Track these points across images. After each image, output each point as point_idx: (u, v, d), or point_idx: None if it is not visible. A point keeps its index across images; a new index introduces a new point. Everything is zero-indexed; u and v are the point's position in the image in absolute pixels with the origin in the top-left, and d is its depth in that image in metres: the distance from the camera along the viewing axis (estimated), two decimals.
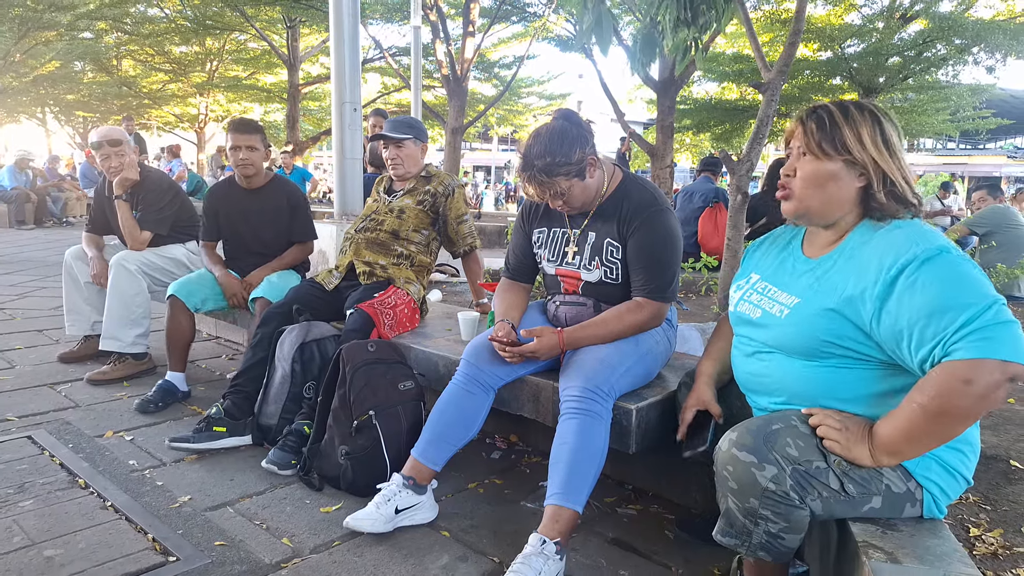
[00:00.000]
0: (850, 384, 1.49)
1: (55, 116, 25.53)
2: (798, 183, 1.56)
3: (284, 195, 3.57)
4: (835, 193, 1.53)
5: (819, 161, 1.52)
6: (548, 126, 2.17)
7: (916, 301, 1.34)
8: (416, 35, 12.29)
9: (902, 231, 1.45)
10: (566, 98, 25.51)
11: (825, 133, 1.52)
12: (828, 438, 1.43)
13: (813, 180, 1.54)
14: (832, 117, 1.52)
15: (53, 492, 2.33)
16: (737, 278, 1.83)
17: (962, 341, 1.27)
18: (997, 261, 5.60)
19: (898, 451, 1.39)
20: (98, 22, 17.75)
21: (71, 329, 3.89)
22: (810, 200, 1.55)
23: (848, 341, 1.46)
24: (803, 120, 1.56)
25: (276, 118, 27.08)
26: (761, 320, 1.64)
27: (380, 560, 1.99)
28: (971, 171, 35.16)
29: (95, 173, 11.73)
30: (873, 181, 1.50)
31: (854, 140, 1.50)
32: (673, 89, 10.13)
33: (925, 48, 11.92)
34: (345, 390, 2.44)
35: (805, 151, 1.55)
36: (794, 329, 1.53)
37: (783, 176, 1.59)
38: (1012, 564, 1.58)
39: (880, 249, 1.44)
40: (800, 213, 1.58)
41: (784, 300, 1.59)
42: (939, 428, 1.33)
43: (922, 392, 1.32)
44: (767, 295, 1.65)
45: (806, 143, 1.54)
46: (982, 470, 2.07)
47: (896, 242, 1.42)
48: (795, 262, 1.65)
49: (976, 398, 1.26)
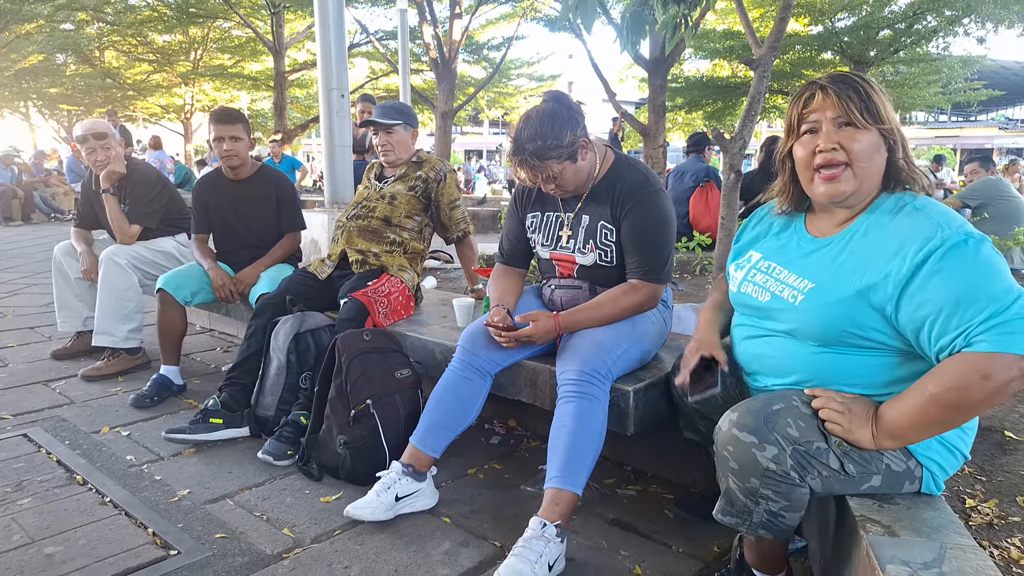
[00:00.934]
0: (862, 370, 1.47)
1: (39, 110, 25.28)
2: (859, 156, 1.43)
3: (272, 185, 3.54)
4: (878, 166, 1.47)
5: (866, 132, 1.44)
6: (538, 109, 2.15)
7: (942, 290, 1.31)
8: (403, 18, 12.19)
9: (924, 213, 1.40)
10: (556, 79, 25.33)
11: (864, 103, 1.43)
12: (830, 420, 1.42)
13: (867, 152, 1.44)
14: (863, 86, 1.45)
15: (51, 489, 2.33)
16: (735, 256, 1.78)
17: (985, 334, 1.26)
18: (990, 233, 5.51)
19: (902, 436, 1.38)
20: (78, 12, 17.52)
21: (63, 326, 3.87)
22: (866, 174, 1.45)
23: (868, 330, 1.43)
24: (835, 90, 1.44)
25: (263, 106, 26.86)
26: (771, 304, 1.58)
27: (382, 548, 2.00)
28: (963, 143, 35.18)
29: (82, 167, 11.65)
30: (897, 148, 1.46)
31: (884, 109, 1.45)
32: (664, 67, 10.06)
33: (915, 20, 11.87)
34: (342, 380, 2.44)
35: (847, 121, 1.44)
36: (811, 316, 1.48)
37: (825, 151, 1.45)
38: (1007, 533, 1.60)
39: (903, 231, 1.39)
40: (855, 189, 1.46)
41: (796, 284, 1.53)
42: (948, 418, 1.33)
43: (936, 382, 1.30)
44: (774, 276, 1.59)
45: (848, 113, 1.43)
46: (978, 442, 2.08)
47: (921, 225, 1.37)
48: (800, 241, 1.60)
49: (990, 392, 1.26)
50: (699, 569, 1.92)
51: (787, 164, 1.60)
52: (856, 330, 1.44)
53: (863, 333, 1.44)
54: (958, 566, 1.24)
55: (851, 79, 1.47)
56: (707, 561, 1.95)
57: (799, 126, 1.52)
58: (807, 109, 1.50)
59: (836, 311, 1.44)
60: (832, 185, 1.47)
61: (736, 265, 1.75)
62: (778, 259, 1.62)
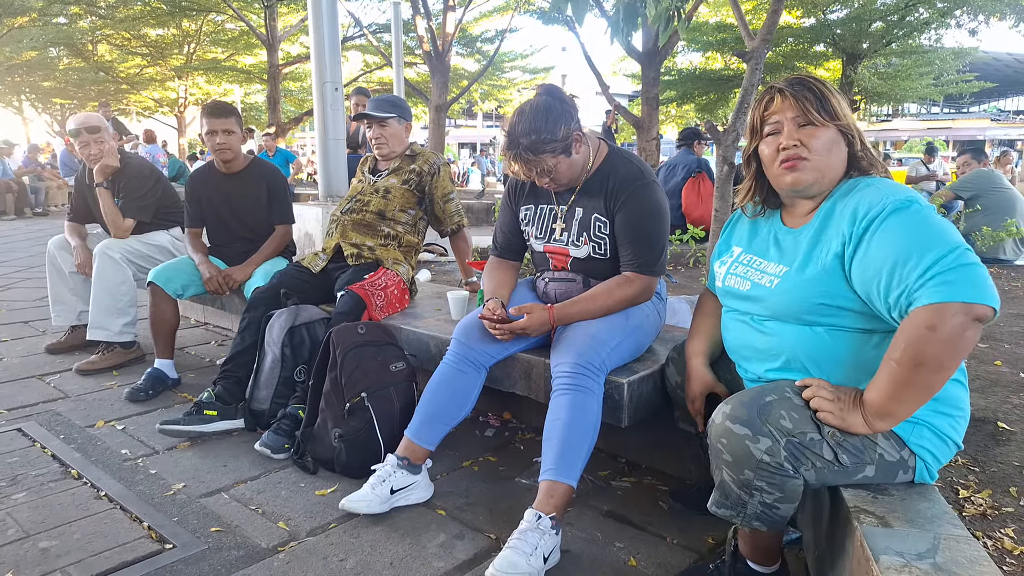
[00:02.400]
0: (845, 349, 1.50)
1: (31, 104, 25.13)
2: (817, 151, 1.54)
3: (263, 178, 3.53)
4: (838, 157, 1.57)
5: (824, 128, 1.54)
6: (532, 103, 2.15)
7: (882, 251, 1.38)
8: (396, 11, 12.14)
9: (873, 187, 1.50)
10: (550, 71, 25.31)
11: (819, 102, 1.54)
12: (822, 409, 1.43)
13: (827, 147, 1.54)
14: (816, 88, 1.56)
15: (46, 484, 2.32)
16: (719, 254, 1.84)
17: (923, 288, 1.30)
18: (982, 224, 5.63)
19: (889, 412, 1.39)
20: (71, 6, 17.40)
21: (57, 320, 3.86)
22: (825, 167, 1.55)
23: (841, 300, 1.48)
24: (792, 93, 1.55)
25: (257, 99, 26.75)
26: (751, 292, 1.64)
27: (377, 540, 2.00)
28: (955, 135, 35.25)
29: (75, 161, 11.59)
30: (855, 142, 1.57)
31: (839, 107, 1.55)
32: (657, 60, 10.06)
33: (908, 12, 11.89)
34: (336, 373, 2.44)
35: (804, 122, 1.54)
36: (787, 296, 1.55)
37: (788, 148, 1.56)
38: (1001, 524, 1.61)
39: (854, 204, 1.49)
40: (814, 180, 1.56)
41: (772, 270, 1.61)
42: (918, 380, 1.33)
43: (894, 347, 1.34)
44: (753, 266, 1.67)
45: (805, 113, 1.54)
46: (971, 432, 2.09)
47: (868, 196, 1.47)
48: (777, 233, 1.67)
49: (943, 343, 1.28)
50: (694, 561, 1.92)
51: (752, 164, 1.70)
52: (828, 300, 1.49)
53: (835, 303, 1.49)
54: (952, 556, 1.25)
55: (807, 82, 1.58)
56: (702, 553, 1.96)
57: (762, 128, 1.63)
58: (768, 111, 1.61)
59: (808, 287, 1.51)
60: (795, 174, 1.56)
61: (720, 262, 1.81)
62: (757, 251, 1.70)
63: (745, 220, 1.81)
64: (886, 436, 1.46)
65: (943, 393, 1.49)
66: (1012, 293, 4.40)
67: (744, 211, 1.80)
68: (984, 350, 2.99)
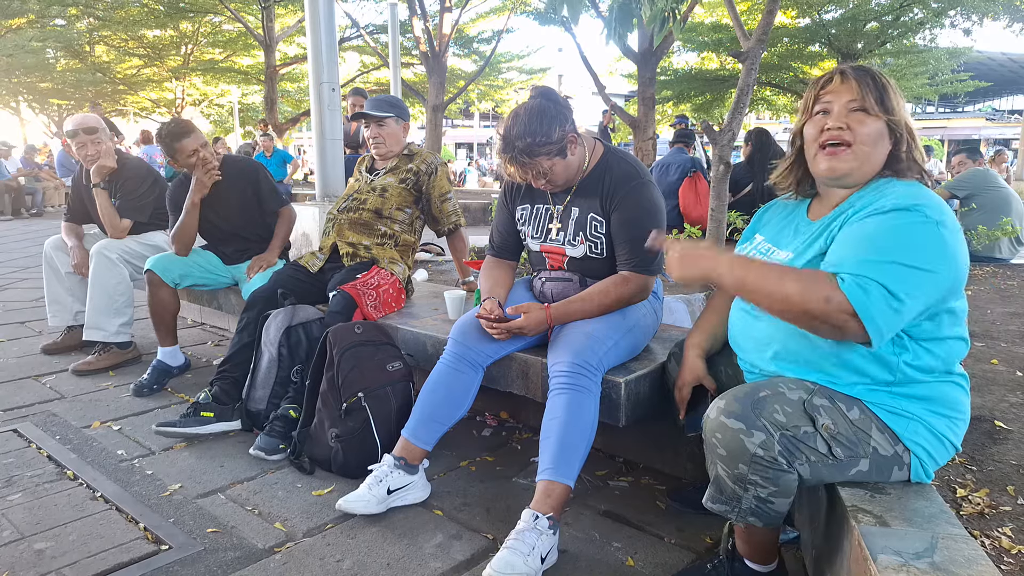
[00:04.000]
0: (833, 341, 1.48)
1: (29, 105, 25.06)
2: (862, 139, 1.50)
3: (241, 176, 3.51)
4: (880, 152, 1.54)
5: (875, 119, 1.50)
6: (526, 105, 2.15)
7: (858, 231, 1.41)
8: (393, 12, 12.14)
9: (902, 185, 1.49)
10: (546, 72, 25.31)
11: (879, 93, 1.50)
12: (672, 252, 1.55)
13: (872, 138, 1.51)
14: (879, 79, 1.52)
15: (41, 484, 2.32)
16: (743, 240, 1.84)
17: (850, 275, 1.33)
18: (978, 223, 5.64)
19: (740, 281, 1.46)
20: (69, 8, 17.36)
21: (53, 320, 3.85)
22: (866, 157, 1.52)
23: None
24: (855, 76, 1.51)
25: (254, 100, 26.72)
26: None
27: (374, 541, 1.99)
28: (951, 134, 35.30)
29: (72, 162, 11.55)
30: (903, 142, 1.53)
31: (896, 104, 1.52)
32: (653, 60, 10.07)
33: (902, 12, 11.91)
34: (333, 373, 2.43)
35: (860, 107, 1.50)
36: None
37: (833, 129, 1.52)
38: (998, 523, 1.61)
39: (872, 198, 1.48)
40: (852, 170, 1.53)
41: (779, 257, 1.62)
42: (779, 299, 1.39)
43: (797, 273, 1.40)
44: (767, 254, 1.68)
45: (862, 99, 1.50)
46: (968, 431, 2.08)
47: (889, 193, 1.46)
48: (799, 224, 1.67)
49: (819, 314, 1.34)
50: (691, 560, 1.92)
51: (797, 143, 1.68)
52: None
53: None
54: (949, 556, 1.24)
55: (871, 71, 1.54)
56: (699, 552, 1.96)
57: (813, 106, 1.59)
58: (824, 90, 1.56)
59: None
60: (833, 161, 1.54)
61: (740, 248, 1.82)
62: (775, 240, 1.71)
63: (777, 209, 1.81)
64: (880, 429, 1.46)
65: (940, 394, 1.49)
66: (1008, 292, 4.41)
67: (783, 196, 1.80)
68: (981, 349, 3.00)
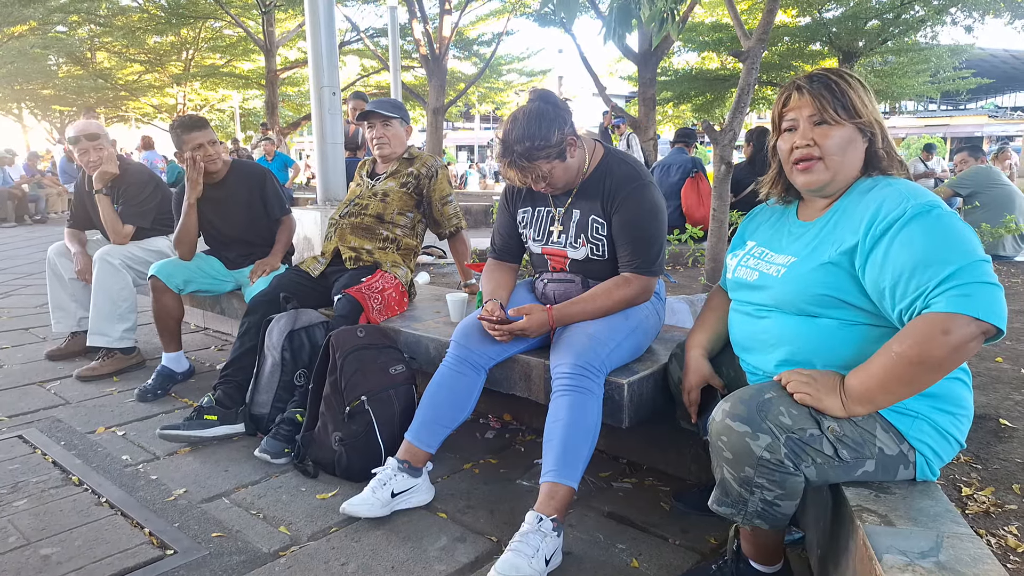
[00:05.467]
0: (848, 342, 1.50)
1: (31, 112, 25.16)
2: (830, 151, 1.53)
3: (248, 180, 3.51)
4: (853, 157, 1.56)
5: (840, 127, 1.53)
6: (525, 109, 2.14)
7: (902, 256, 1.37)
8: (393, 15, 12.16)
9: (894, 187, 1.48)
10: (547, 74, 25.34)
11: (837, 100, 1.53)
12: (798, 391, 1.45)
13: (841, 147, 1.53)
14: (836, 85, 1.54)
15: (47, 490, 2.32)
16: (733, 248, 1.85)
17: (942, 296, 1.31)
18: (982, 221, 5.63)
19: (871, 399, 1.40)
20: (71, 15, 17.43)
21: (57, 326, 3.86)
22: (839, 167, 1.54)
23: (844, 293, 1.48)
24: (809, 90, 1.54)
25: (255, 104, 26.78)
26: (758, 282, 1.65)
27: (378, 544, 1.99)
28: (953, 132, 35.18)
29: (74, 168, 11.59)
30: (877, 139, 1.55)
31: (860, 103, 1.54)
32: (653, 61, 10.07)
33: (903, 10, 11.90)
34: (336, 376, 2.43)
35: (820, 120, 1.53)
36: (791, 286, 1.55)
37: (800, 146, 1.55)
38: (1004, 522, 1.60)
39: (874, 203, 1.47)
40: (828, 181, 1.55)
41: (780, 261, 1.62)
42: (914, 375, 1.35)
43: (901, 341, 1.34)
44: (763, 259, 1.68)
45: (821, 111, 1.53)
46: (973, 429, 2.08)
47: (888, 197, 1.46)
48: (791, 227, 1.68)
49: (951, 348, 1.30)
50: (696, 561, 1.92)
51: (775, 157, 1.70)
52: (831, 292, 1.49)
53: (838, 295, 1.49)
54: (955, 555, 1.24)
55: (826, 78, 1.56)
56: (704, 553, 1.96)
57: (780, 123, 1.63)
58: (785, 108, 1.61)
59: (813, 277, 1.52)
60: (807, 176, 1.57)
61: (733, 255, 1.82)
62: (769, 244, 1.71)
63: (764, 214, 1.82)
64: (885, 428, 1.46)
65: (944, 390, 1.49)
66: (1013, 289, 4.40)
67: (768, 202, 1.82)
68: (985, 347, 2.98)
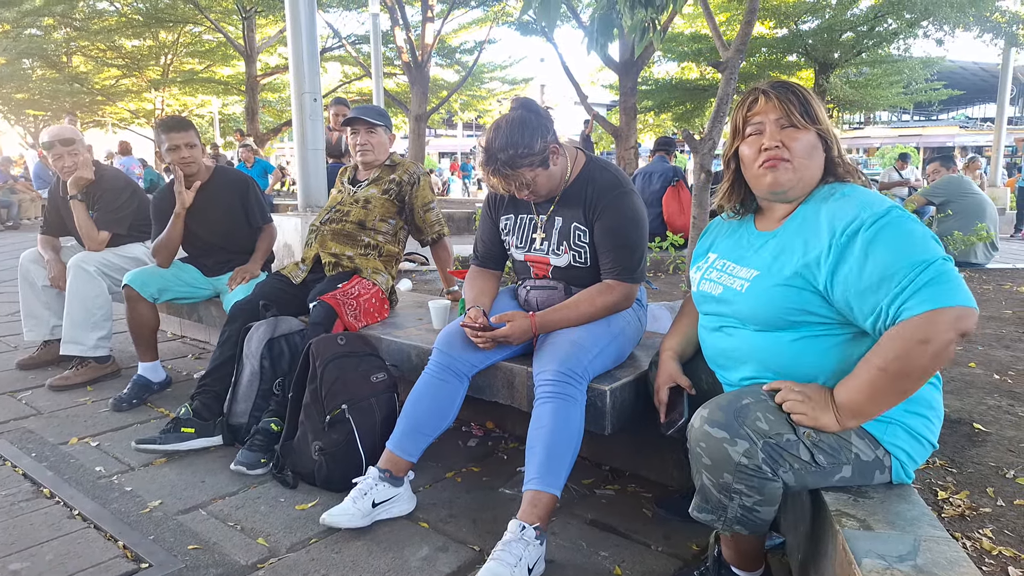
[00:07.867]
0: (817, 353, 1.52)
1: (4, 116, 24.78)
2: (798, 153, 1.55)
3: (231, 187, 3.49)
4: (816, 162, 1.58)
5: (805, 132, 1.55)
6: (508, 117, 2.15)
7: (867, 266, 1.39)
8: (375, 22, 12.16)
9: (850, 198, 1.51)
10: (529, 82, 25.43)
11: (802, 106, 1.55)
12: (794, 412, 1.45)
13: (807, 149, 1.56)
14: (799, 92, 1.57)
15: (16, 503, 2.27)
16: (695, 260, 1.86)
17: (913, 297, 1.33)
18: (954, 229, 5.73)
19: (862, 412, 1.43)
20: (45, 18, 17.20)
21: (29, 335, 3.79)
22: (805, 169, 1.56)
23: (811, 306, 1.49)
24: (776, 95, 1.56)
25: (235, 110, 26.60)
26: (723, 296, 1.66)
27: (359, 555, 1.97)
28: (926, 142, 35.80)
29: (49, 173, 11.43)
30: (833, 148, 1.58)
31: (819, 112, 1.57)
32: (634, 70, 10.14)
33: (877, 23, 12.11)
34: (316, 385, 2.41)
35: (787, 124, 1.55)
36: (755, 302, 1.56)
37: (770, 148, 1.56)
38: (979, 524, 1.62)
39: (831, 214, 1.49)
40: (795, 182, 1.57)
41: (743, 274, 1.62)
42: (901, 387, 1.38)
43: (882, 356, 1.36)
44: (726, 271, 1.68)
45: (789, 115, 1.55)
46: (947, 434, 2.12)
47: (845, 208, 1.48)
48: (751, 238, 1.68)
49: (932, 356, 1.32)
50: (678, 568, 1.92)
51: (732, 165, 1.71)
52: (798, 307, 1.50)
53: (807, 308, 1.50)
54: (932, 558, 1.26)
55: (790, 85, 1.60)
56: (686, 559, 1.96)
57: (744, 128, 1.63)
58: (751, 112, 1.62)
59: (777, 293, 1.52)
60: (775, 175, 1.57)
61: (696, 268, 1.83)
62: (730, 256, 1.71)
63: (722, 226, 1.83)
64: (860, 435, 1.48)
65: (916, 394, 1.51)
66: (984, 296, 4.47)
67: (721, 213, 1.82)
68: (958, 352, 3.03)
